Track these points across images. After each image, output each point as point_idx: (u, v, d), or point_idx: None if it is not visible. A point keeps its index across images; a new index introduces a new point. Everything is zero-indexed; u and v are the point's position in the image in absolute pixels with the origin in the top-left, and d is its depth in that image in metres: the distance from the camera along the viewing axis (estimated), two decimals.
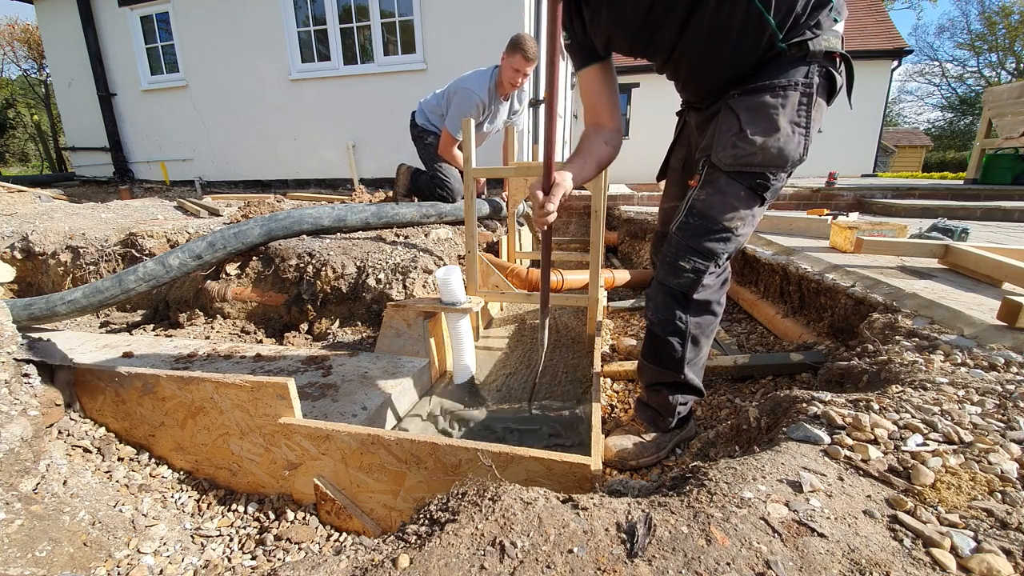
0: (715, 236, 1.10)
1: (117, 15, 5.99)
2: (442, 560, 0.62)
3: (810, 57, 1.00)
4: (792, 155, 1.03)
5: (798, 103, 1.01)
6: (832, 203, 4.75)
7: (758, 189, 1.07)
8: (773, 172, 1.06)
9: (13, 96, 20.49)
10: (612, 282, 3.01)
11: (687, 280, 1.13)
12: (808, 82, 1.01)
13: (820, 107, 1.04)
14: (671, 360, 1.21)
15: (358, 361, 1.76)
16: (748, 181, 1.07)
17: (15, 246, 2.81)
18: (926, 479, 0.71)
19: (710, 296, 1.16)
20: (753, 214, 1.11)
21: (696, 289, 1.13)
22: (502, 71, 2.90)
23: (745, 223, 1.11)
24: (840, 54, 1.03)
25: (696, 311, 1.16)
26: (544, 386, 1.79)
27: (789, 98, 1.01)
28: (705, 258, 1.11)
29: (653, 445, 1.31)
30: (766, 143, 1.02)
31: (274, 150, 5.91)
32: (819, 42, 0.99)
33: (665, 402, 1.29)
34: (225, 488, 1.40)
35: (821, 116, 1.05)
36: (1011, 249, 1.85)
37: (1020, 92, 5.53)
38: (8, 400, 1.20)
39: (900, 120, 32.28)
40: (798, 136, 1.02)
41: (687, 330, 1.17)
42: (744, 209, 1.09)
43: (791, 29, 0.99)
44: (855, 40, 11.01)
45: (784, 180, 1.09)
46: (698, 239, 1.11)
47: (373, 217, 2.72)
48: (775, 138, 1.02)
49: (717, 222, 1.09)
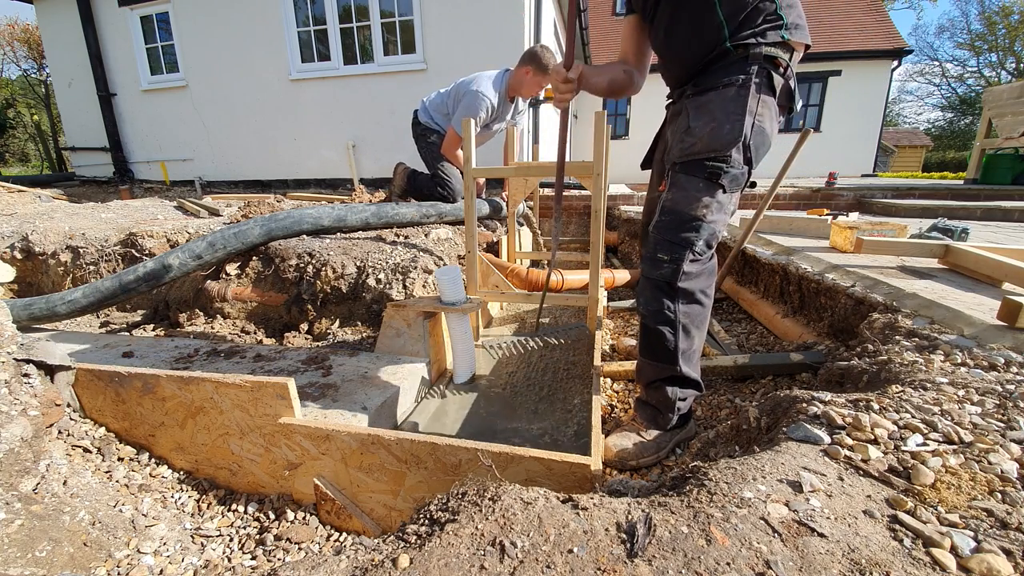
0: (686, 227, 1.20)
1: (117, 15, 5.99)
2: (442, 560, 0.62)
3: (751, 59, 1.15)
4: (725, 138, 1.16)
5: (734, 96, 1.16)
6: (832, 203, 4.75)
7: (712, 177, 1.18)
8: (721, 159, 1.17)
9: (13, 96, 20.49)
10: (612, 282, 3.01)
11: (668, 270, 1.22)
12: (746, 80, 1.15)
13: (765, 103, 1.17)
14: (665, 352, 1.26)
15: (358, 361, 1.76)
16: (702, 172, 1.19)
17: (15, 246, 2.81)
18: (926, 479, 0.71)
19: (694, 285, 1.22)
20: (718, 201, 1.20)
21: (678, 277, 1.21)
22: (522, 85, 2.93)
23: (711, 210, 1.20)
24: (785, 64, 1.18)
25: (683, 300, 1.22)
26: (545, 384, 1.79)
27: (726, 93, 1.17)
28: (680, 247, 1.21)
29: (653, 445, 1.31)
30: (703, 132, 1.18)
31: (274, 150, 5.91)
32: (762, 48, 1.15)
33: (665, 398, 1.30)
34: (225, 488, 1.40)
35: (768, 111, 1.18)
36: (1011, 249, 1.85)
37: (1020, 92, 5.54)
38: (8, 400, 1.20)
39: (900, 120, 32.29)
40: (731, 123, 1.15)
41: (677, 319, 1.23)
42: (707, 197, 1.19)
43: (738, 31, 1.16)
44: (855, 40, 11.02)
45: (740, 167, 1.18)
46: (671, 232, 1.22)
47: (373, 217, 2.72)
48: (711, 127, 1.17)
49: (685, 214, 1.20)
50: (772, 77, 1.17)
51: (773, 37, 1.15)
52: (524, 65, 2.89)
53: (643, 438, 1.32)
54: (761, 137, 1.19)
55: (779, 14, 1.15)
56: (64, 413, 1.43)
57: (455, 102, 3.05)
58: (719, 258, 2.87)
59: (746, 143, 1.16)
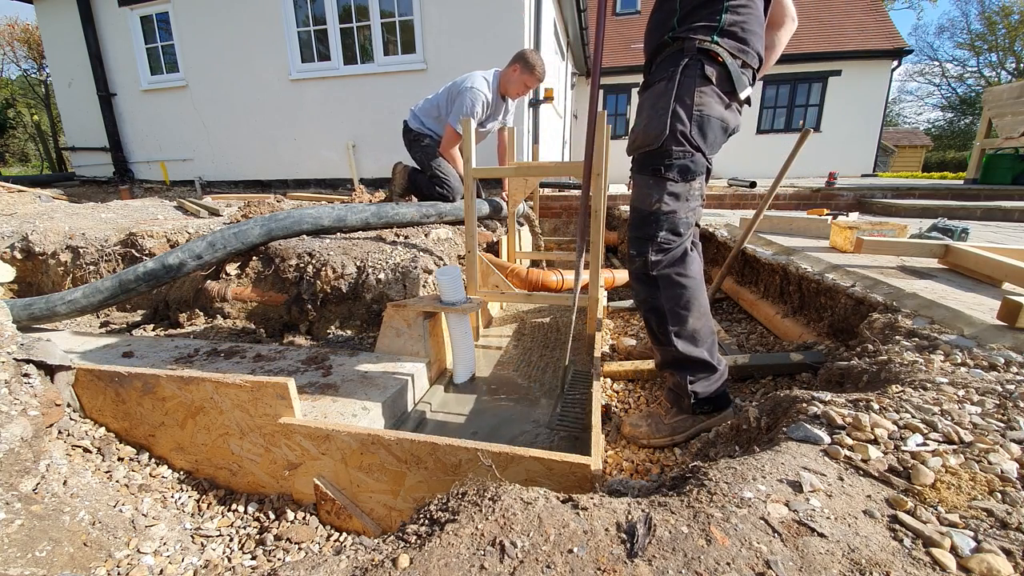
0: (645, 221, 1.29)
1: (117, 15, 5.99)
2: (442, 560, 0.62)
3: (685, 52, 1.21)
4: (653, 132, 1.23)
5: (662, 91, 1.23)
6: (832, 203, 4.75)
7: (657, 172, 1.25)
8: (659, 152, 1.23)
9: (13, 96, 20.49)
10: (612, 282, 3.01)
11: (639, 263, 1.31)
12: (673, 73, 1.22)
13: (702, 92, 1.21)
14: (660, 335, 1.33)
15: (358, 361, 1.76)
16: (648, 169, 1.27)
17: (15, 246, 2.81)
18: (926, 479, 0.71)
19: (667, 272, 1.29)
20: (670, 192, 1.26)
21: (649, 267, 1.29)
22: (510, 82, 3.06)
23: (666, 202, 1.26)
24: (714, 52, 1.21)
25: (662, 286, 1.29)
26: (546, 382, 1.79)
27: (657, 88, 1.25)
28: (643, 240, 1.29)
29: (668, 427, 1.36)
30: (639, 129, 1.28)
31: (274, 150, 5.91)
32: (693, 41, 1.20)
33: (677, 380, 1.36)
34: (225, 488, 1.40)
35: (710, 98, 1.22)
36: (1011, 249, 1.85)
37: (1020, 92, 5.54)
38: (8, 400, 1.20)
39: (900, 120, 32.29)
40: (658, 117, 1.22)
41: (661, 305, 1.30)
42: (657, 192, 1.26)
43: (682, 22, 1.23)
44: (855, 40, 11.01)
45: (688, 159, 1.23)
46: (635, 228, 1.32)
47: (373, 217, 2.72)
48: (643, 124, 1.26)
49: (643, 210, 1.29)
50: (704, 67, 1.21)
51: (703, 37, 1.21)
52: (513, 63, 3.02)
53: (662, 420, 1.38)
54: (708, 122, 1.22)
55: (720, 17, 1.20)
56: (64, 413, 1.43)
57: (448, 103, 3.10)
58: (719, 258, 2.88)
59: (686, 133, 1.21)
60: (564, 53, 8.13)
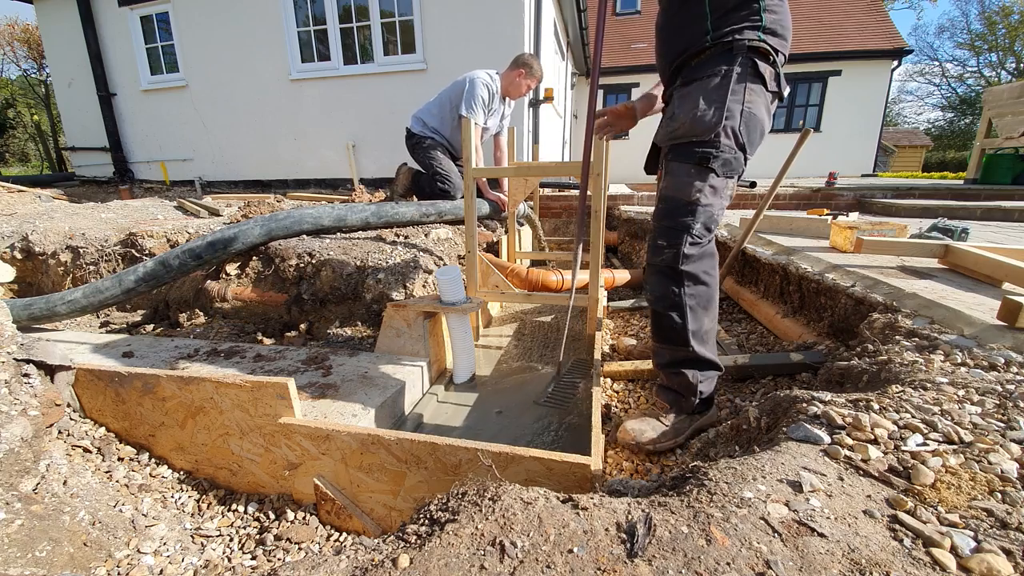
0: (681, 211, 1.24)
1: (117, 15, 5.98)
2: (442, 560, 0.62)
3: (735, 50, 1.18)
4: (708, 123, 1.19)
5: (717, 84, 1.19)
6: (832, 203, 4.74)
7: (703, 162, 1.21)
8: (707, 143, 1.20)
9: (13, 96, 20.49)
10: (612, 282, 3.01)
11: (668, 255, 1.25)
12: (728, 70, 1.18)
13: (753, 90, 1.20)
14: (675, 334, 1.28)
15: (358, 361, 1.76)
16: (692, 158, 1.22)
17: (15, 246, 2.80)
18: (926, 479, 0.71)
19: (696, 268, 1.25)
20: (711, 185, 1.22)
21: (679, 261, 1.23)
22: (512, 84, 3.15)
23: (705, 194, 1.22)
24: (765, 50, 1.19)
25: (688, 282, 1.25)
26: (545, 379, 1.79)
27: (708, 82, 1.20)
28: (678, 231, 1.24)
29: (671, 430, 1.33)
30: (685, 117, 1.22)
31: (274, 150, 5.91)
32: (743, 41, 1.18)
33: (685, 382, 1.32)
34: (225, 488, 1.40)
35: (758, 97, 1.21)
36: (1011, 249, 1.85)
37: (1020, 92, 5.53)
38: (8, 400, 1.20)
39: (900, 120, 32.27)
40: (713, 108, 1.18)
41: (683, 302, 1.25)
42: (699, 182, 1.22)
43: (719, 26, 1.19)
44: (855, 40, 11.01)
45: (732, 153, 1.21)
46: (668, 218, 1.26)
47: (373, 217, 2.72)
48: (692, 113, 1.20)
49: (678, 200, 1.24)
50: (757, 65, 1.19)
51: (750, 36, 1.18)
52: (517, 68, 3.12)
53: (662, 423, 1.34)
54: (753, 122, 1.21)
55: (761, 16, 1.18)
56: (64, 413, 1.43)
57: (452, 102, 3.17)
58: (719, 257, 2.87)
59: (735, 128, 1.19)
60: (564, 53, 8.13)
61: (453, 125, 3.25)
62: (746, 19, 1.18)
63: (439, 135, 3.25)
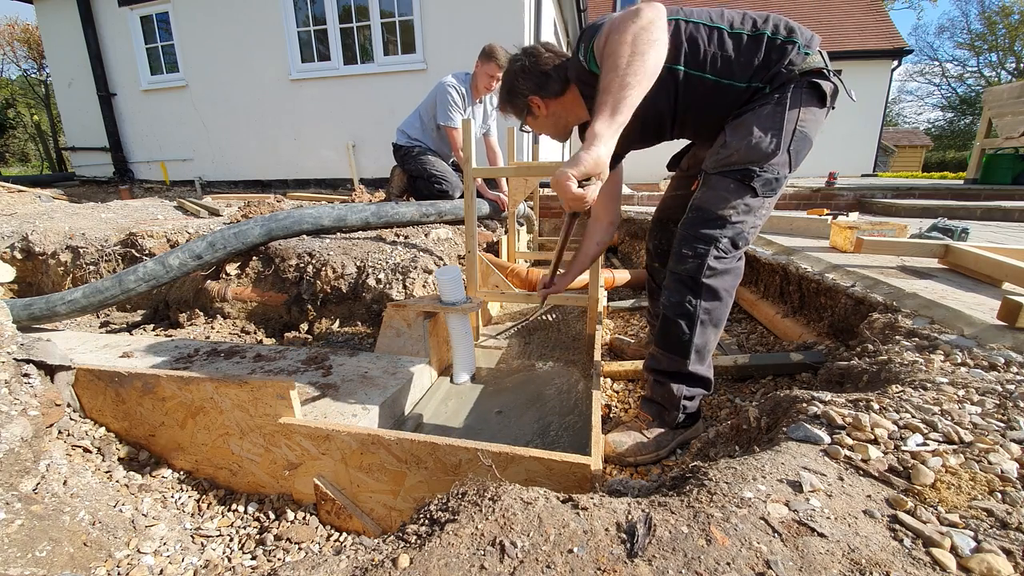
0: (710, 223, 1.22)
1: (117, 15, 5.98)
2: (442, 560, 0.62)
3: (789, 81, 1.17)
4: (764, 150, 1.17)
5: (771, 112, 1.18)
6: (832, 203, 4.74)
7: (745, 179, 1.19)
8: (755, 165, 1.18)
9: (13, 96, 20.48)
10: (612, 282, 3.01)
11: (692, 264, 1.22)
12: (782, 97, 1.17)
13: (809, 112, 1.19)
14: (679, 342, 1.27)
15: (358, 361, 1.76)
16: (734, 176, 1.21)
17: (15, 246, 2.81)
18: (926, 479, 0.71)
19: (718, 283, 1.22)
20: (747, 204, 1.20)
21: (702, 272, 1.21)
22: (477, 77, 3.13)
23: (738, 211, 1.20)
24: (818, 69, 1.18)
25: (705, 295, 1.23)
26: (545, 379, 1.79)
27: (762, 111, 1.19)
28: (704, 243, 1.21)
29: (653, 444, 1.31)
30: (739, 145, 1.19)
31: (274, 150, 5.91)
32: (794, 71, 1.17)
33: (669, 395, 1.30)
34: (225, 488, 1.40)
35: (813, 118, 1.20)
36: (1011, 249, 1.85)
37: (1020, 92, 5.53)
38: (8, 400, 1.20)
39: (900, 120, 32.27)
40: (770, 136, 1.17)
41: (696, 313, 1.23)
42: (736, 199, 1.20)
43: (764, 77, 1.18)
44: (855, 40, 11.02)
45: (776, 172, 1.19)
46: (697, 228, 1.23)
47: (373, 217, 2.72)
48: (747, 140, 1.18)
49: (711, 212, 1.22)
50: (817, 86, 1.18)
51: (798, 60, 1.17)
52: (478, 59, 3.08)
53: (644, 436, 1.32)
54: (804, 143, 1.20)
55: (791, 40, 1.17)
56: (64, 413, 1.43)
57: (429, 112, 3.23)
58: None
59: (788, 149, 1.18)
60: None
61: (434, 135, 3.31)
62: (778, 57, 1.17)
63: (423, 144, 3.31)
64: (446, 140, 3.24)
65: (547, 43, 1.42)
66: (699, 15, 1.22)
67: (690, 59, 1.20)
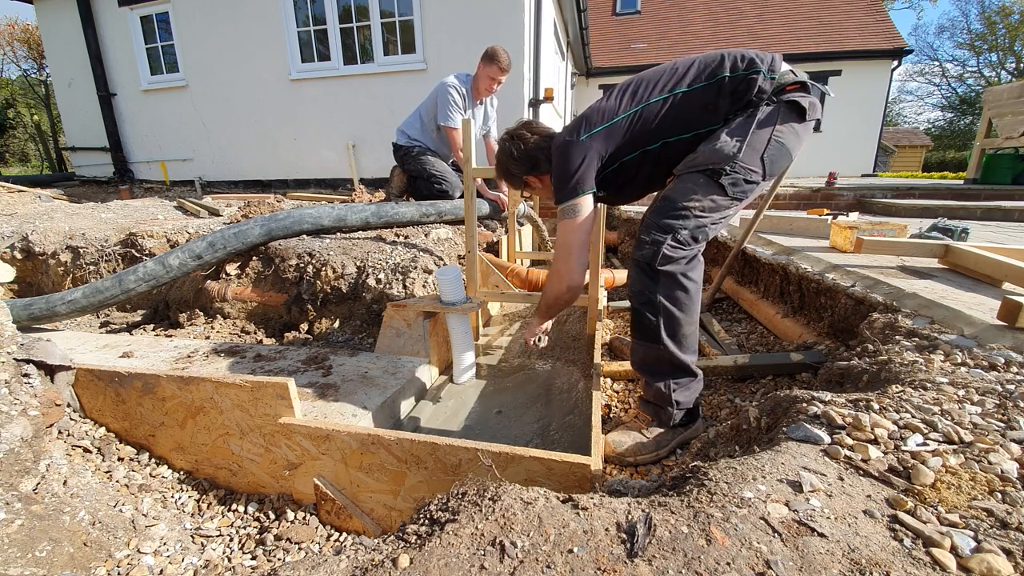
0: (673, 213, 1.25)
1: (117, 15, 5.98)
2: (442, 560, 0.62)
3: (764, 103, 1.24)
4: (727, 152, 1.22)
5: (741, 123, 1.24)
6: (832, 203, 4.75)
7: (714, 176, 1.23)
8: (717, 165, 1.23)
9: (13, 96, 20.47)
10: (612, 282, 3.01)
11: (648, 251, 1.25)
12: (753, 111, 1.24)
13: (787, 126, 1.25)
14: (648, 330, 1.29)
15: (358, 361, 1.76)
16: (704, 172, 1.26)
17: (15, 246, 2.81)
18: (926, 479, 0.71)
19: (674, 269, 1.24)
20: (714, 200, 1.24)
21: (657, 259, 1.23)
22: (478, 79, 3.14)
23: (703, 206, 1.24)
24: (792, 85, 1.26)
25: (664, 283, 1.25)
26: (545, 379, 1.79)
27: (734, 122, 1.25)
28: (662, 231, 1.24)
29: (652, 443, 1.31)
30: (705, 148, 1.26)
31: (274, 150, 5.91)
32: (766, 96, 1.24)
33: (659, 393, 1.31)
34: (225, 488, 1.40)
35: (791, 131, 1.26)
36: (1011, 249, 1.85)
37: (1020, 92, 5.53)
38: (8, 400, 1.20)
39: (900, 120, 32.26)
40: (735, 140, 1.23)
41: (657, 301, 1.25)
42: (703, 193, 1.24)
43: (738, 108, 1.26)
44: (855, 40, 11.01)
45: (745, 175, 1.24)
46: (659, 216, 1.27)
47: (373, 217, 2.72)
48: (712, 144, 1.25)
49: (676, 202, 1.25)
50: (796, 103, 1.23)
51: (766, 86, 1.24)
52: (480, 61, 3.08)
53: (644, 436, 1.32)
54: (781, 152, 1.25)
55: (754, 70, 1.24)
56: (64, 413, 1.43)
57: (429, 113, 3.23)
58: (719, 257, 2.87)
59: (761, 156, 1.23)
60: (564, 53, 8.13)
61: (434, 136, 3.31)
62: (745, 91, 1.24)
63: (423, 144, 3.31)
64: (446, 140, 3.24)
65: (529, 122, 1.51)
66: (658, 91, 1.29)
67: (664, 131, 1.30)
